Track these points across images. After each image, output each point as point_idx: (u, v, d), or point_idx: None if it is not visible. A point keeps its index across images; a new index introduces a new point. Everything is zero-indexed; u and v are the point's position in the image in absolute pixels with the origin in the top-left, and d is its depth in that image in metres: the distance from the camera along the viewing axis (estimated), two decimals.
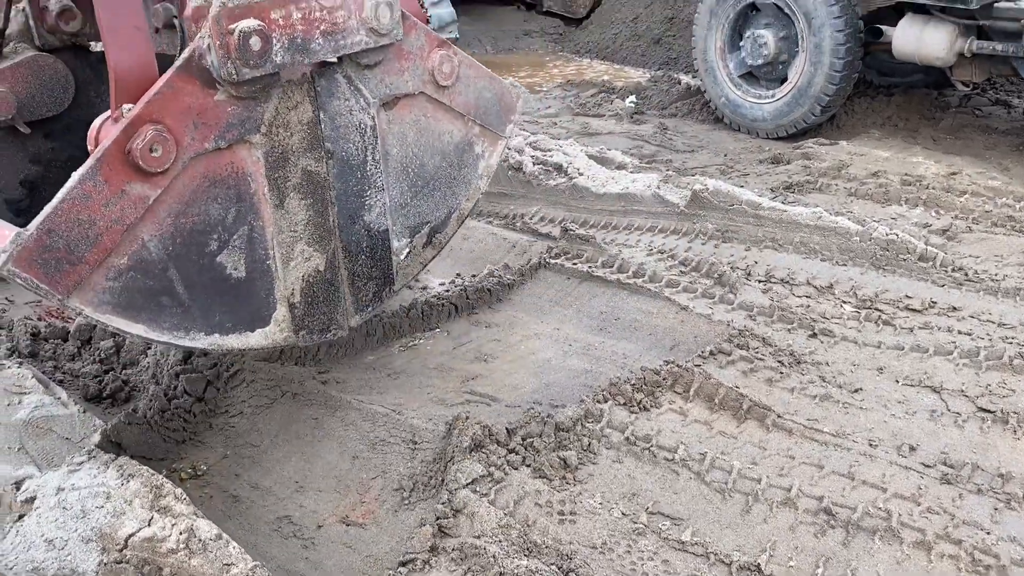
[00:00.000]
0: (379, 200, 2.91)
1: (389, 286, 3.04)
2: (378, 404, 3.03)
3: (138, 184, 2.25)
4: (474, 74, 3.02)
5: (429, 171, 3.05)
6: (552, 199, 4.99)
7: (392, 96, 2.83)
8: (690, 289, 3.83)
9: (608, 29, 9.97)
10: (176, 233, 2.35)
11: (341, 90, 2.70)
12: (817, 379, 3.24)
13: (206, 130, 2.35)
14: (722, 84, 6.71)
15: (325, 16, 2.50)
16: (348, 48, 2.58)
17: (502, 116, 3.17)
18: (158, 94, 2.26)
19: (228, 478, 2.78)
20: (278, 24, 2.39)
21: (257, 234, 2.52)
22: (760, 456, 2.80)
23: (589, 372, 3.31)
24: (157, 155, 2.24)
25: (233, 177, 2.45)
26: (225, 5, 2.27)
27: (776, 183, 5.29)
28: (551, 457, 2.70)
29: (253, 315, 2.55)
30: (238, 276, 2.50)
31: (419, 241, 3.13)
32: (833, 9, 5.87)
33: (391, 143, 2.90)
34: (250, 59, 2.31)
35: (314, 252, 2.67)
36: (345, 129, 2.76)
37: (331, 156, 2.74)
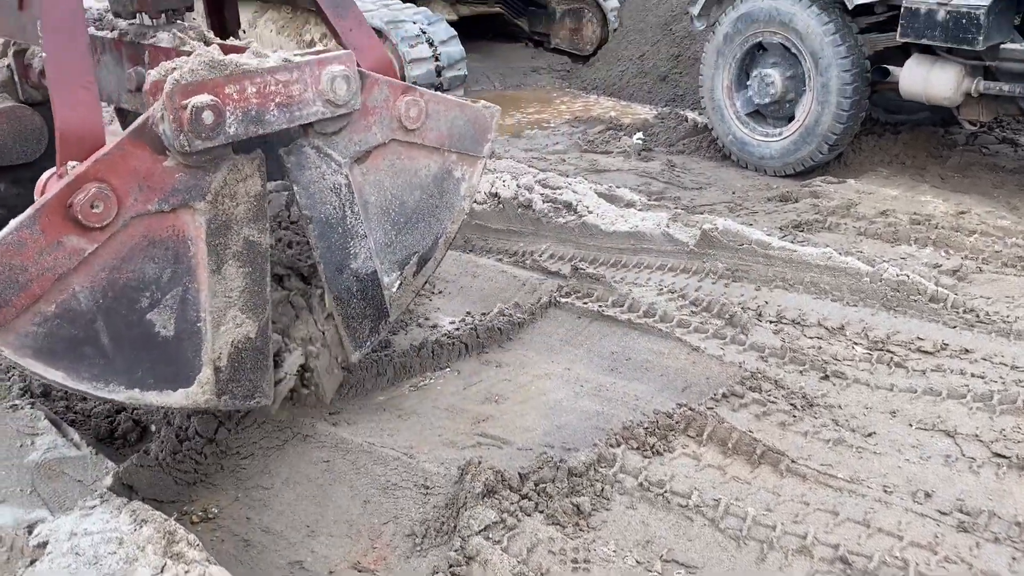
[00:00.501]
0: (363, 246, 3.02)
1: (384, 319, 3.18)
2: (389, 447, 3.02)
3: (75, 237, 2.28)
4: (443, 108, 3.06)
5: (410, 207, 3.12)
6: (562, 237, 5.01)
7: (363, 151, 2.91)
8: (701, 329, 3.83)
9: (615, 66, 10.07)
10: (108, 287, 2.37)
11: (311, 160, 2.80)
12: (830, 423, 3.22)
13: (151, 193, 2.40)
14: (729, 122, 6.76)
15: (281, 89, 2.56)
16: (304, 119, 2.65)
17: (477, 139, 3.21)
18: (108, 155, 2.33)
19: (239, 521, 2.77)
20: (232, 98, 2.45)
21: (191, 296, 2.54)
22: (775, 502, 2.77)
23: (601, 414, 3.29)
24: (98, 211, 2.28)
25: (173, 239, 2.48)
26: (179, 82, 2.34)
27: (785, 222, 5.30)
28: (564, 503, 2.68)
29: (177, 374, 2.55)
30: (166, 335, 2.50)
31: (409, 271, 3.23)
32: (840, 49, 5.92)
33: (368, 192, 2.99)
34: (202, 132, 2.38)
35: (246, 319, 2.66)
36: (321, 194, 2.86)
37: (310, 221, 2.87)
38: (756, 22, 6.39)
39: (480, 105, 3.18)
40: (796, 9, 6.09)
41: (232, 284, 2.61)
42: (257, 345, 2.71)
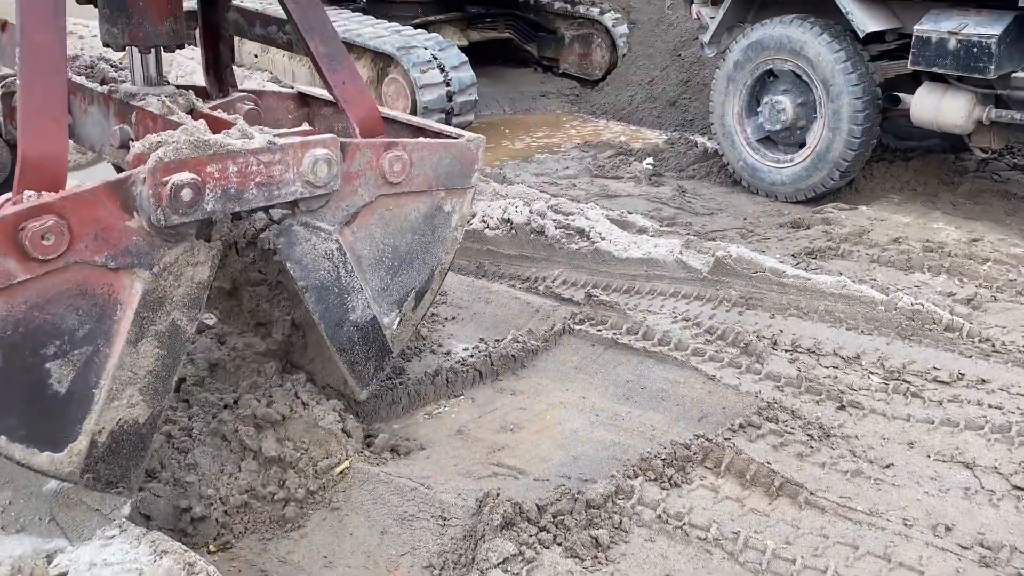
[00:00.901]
0: (360, 299, 3.06)
1: (388, 355, 3.23)
2: (406, 476, 3.01)
3: (13, 261, 2.20)
4: (427, 154, 3.06)
5: (403, 250, 3.15)
6: (574, 263, 5.01)
7: (351, 214, 2.92)
8: (716, 358, 3.82)
9: (624, 91, 10.13)
10: (22, 322, 2.26)
11: (300, 236, 2.83)
12: (848, 453, 3.21)
13: (103, 246, 2.35)
14: (740, 148, 6.78)
15: (262, 169, 2.57)
16: (282, 198, 2.66)
17: (464, 173, 3.21)
18: (78, 195, 2.29)
19: (256, 551, 2.76)
20: (212, 176, 2.46)
21: (98, 360, 2.43)
22: (794, 535, 2.76)
23: (617, 444, 3.29)
24: (47, 243, 2.22)
25: (104, 298, 2.40)
26: (161, 160, 2.35)
27: (797, 248, 5.31)
28: (582, 536, 2.67)
29: (51, 435, 2.40)
30: (58, 390, 2.37)
31: (408, 308, 3.26)
32: (851, 77, 5.95)
33: (360, 248, 3.01)
34: (179, 208, 2.38)
35: (142, 402, 2.55)
36: (314, 264, 2.89)
37: (306, 290, 2.90)
38: (767, 49, 6.43)
39: (463, 141, 3.19)
40: (807, 37, 6.13)
41: (142, 362, 2.51)
42: (141, 432, 2.57)
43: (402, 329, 3.24)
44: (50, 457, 2.40)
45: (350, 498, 2.93)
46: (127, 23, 3.00)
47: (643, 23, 10.66)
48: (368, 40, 9.19)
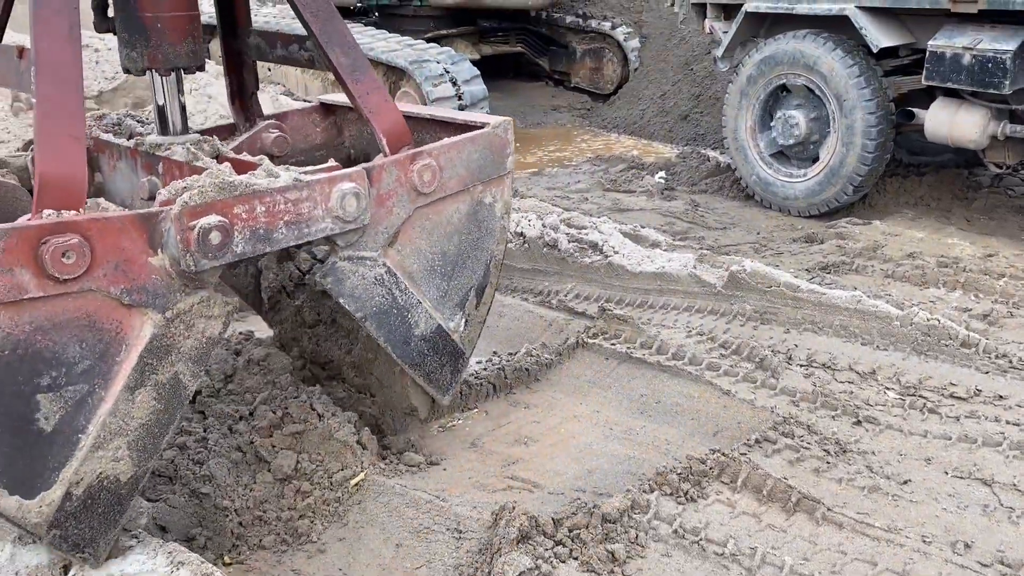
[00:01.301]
0: (420, 313, 3.03)
1: (461, 358, 3.24)
2: (421, 489, 3.01)
3: (29, 275, 2.10)
4: (456, 152, 2.98)
5: (453, 253, 3.09)
6: (587, 277, 5.01)
7: (392, 235, 2.86)
8: (731, 373, 3.81)
9: (635, 105, 10.16)
10: (22, 344, 2.14)
11: (347, 271, 2.77)
12: (864, 469, 3.19)
13: (121, 278, 2.26)
14: (753, 162, 6.78)
15: (290, 208, 2.51)
16: (313, 235, 2.60)
17: (497, 161, 3.13)
18: (106, 220, 2.22)
19: (271, 564, 2.76)
20: (240, 218, 2.40)
21: (92, 402, 2.27)
22: (811, 551, 2.74)
23: (632, 459, 3.27)
24: (66, 263, 2.13)
25: (111, 335, 2.28)
26: (187, 204, 2.29)
27: (811, 263, 5.30)
28: (599, 550, 2.66)
29: (25, 478, 2.21)
30: (42, 427, 2.20)
31: (470, 307, 3.22)
32: (865, 92, 5.95)
33: (409, 264, 2.95)
34: (209, 251, 2.33)
35: (128, 458, 2.37)
36: (367, 293, 2.84)
37: (365, 319, 2.87)
38: (780, 64, 6.44)
39: (490, 129, 3.09)
40: (820, 52, 6.14)
41: (136, 413, 2.35)
42: (120, 493, 2.38)
43: (470, 329, 3.22)
44: (18, 503, 2.20)
45: (365, 510, 2.93)
46: (146, 46, 2.96)
47: (655, 37, 10.71)
48: (381, 54, 9.24)
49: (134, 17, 2.94)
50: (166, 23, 2.96)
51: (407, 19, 10.92)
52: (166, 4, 2.94)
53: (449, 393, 3.24)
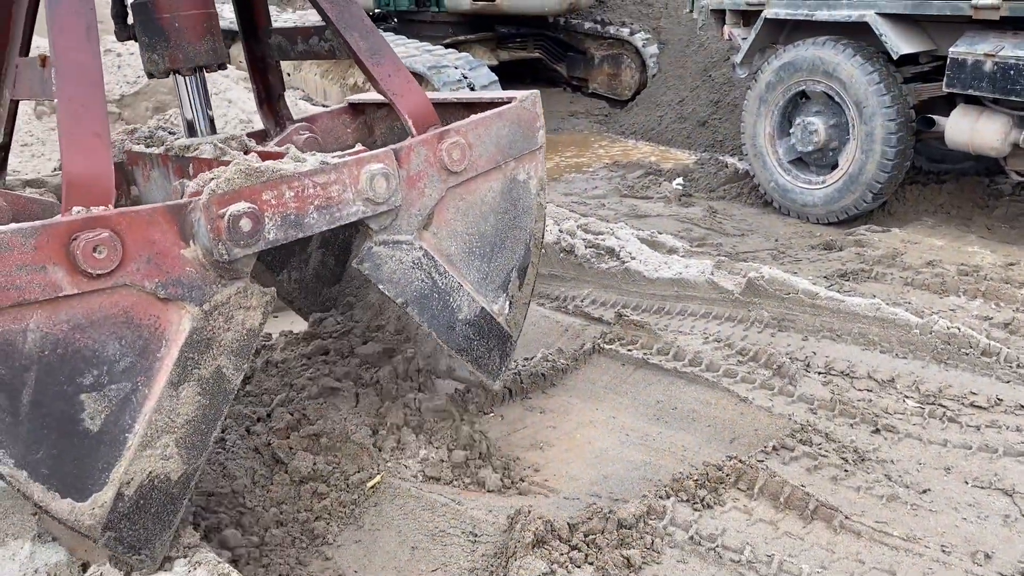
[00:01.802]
0: (462, 295, 2.97)
1: (509, 341, 3.20)
2: (437, 493, 3.01)
3: (62, 272, 2.08)
4: (484, 129, 2.91)
5: (491, 233, 3.04)
6: (604, 283, 5.01)
7: (426, 217, 2.81)
8: (748, 379, 3.79)
9: (653, 111, 10.15)
10: (62, 342, 2.11)
11: (383, 256, 2.73)
12: (883, 478, 3.16)
13: (155, 272, 2.23)
14: (771, 169, 6.76)
15: (319, 192, 2.48)
16: (344, 219, 2.56)
17: (528, 135, 3.08)
18: (136, 213, 2.19)
19: (288, 565, 2.76)
20: (269, 204, 2.37)
21: (136, 399, 2.25)
22: (829, 560, 2.72)
23: (648, 464, 3.26)
24: (98, 257, 2.11)
25: (150, 330, 2.25)
26: (215, 192, 2.26)
27: (830, 270, 5.27)
28: (614, 555, 2.65)
29: (77, 480, 2.18)
30: (89, 428, 2.18)
31: (512, 288, 3.18)
32: (884, 99, 5.92)
33: (447, 246, 2.90)
34: (240, 239, 2.29)
35: (177, 455, 2.34)
36: (405, 277, 2.80)
37: (406, 304, 2.82)
38: (799, 71, 6.42)
39: (517, 103, 3.03)
40: (840, 59, 6.11)
41: (182, 409, 2.32)
42: (172, 492, 2.35)
43: (515, 311, 3.18)
44: (71, 505, 2.18)
45: (381, 513, 2.94)
46: (166, 47, 2.98)
47: (673, 43, 10.70)
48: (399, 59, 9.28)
49: (152, 20, 2.95)
50: (184, 22, 2.96)
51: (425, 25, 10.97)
52: (183, 3, 2.94)
53: (499, 378, 3.20)
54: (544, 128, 3.14)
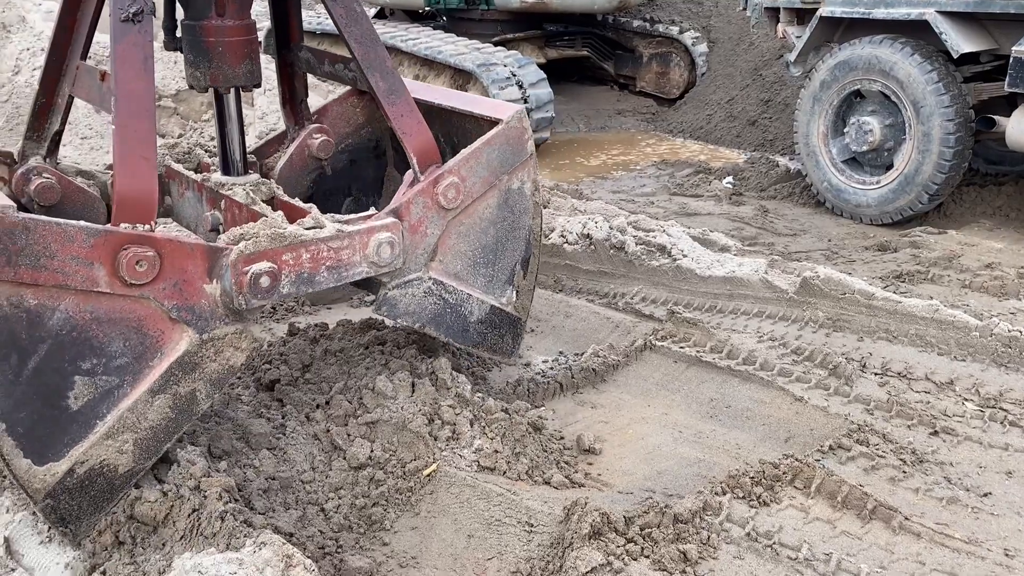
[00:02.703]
0: (472, 303, 3.32)
1: (518, 324, 3.54)
2: (492, 482, 3.03)
3: (104, 272, 2.42)
4: (474, 161, 3.19)
5: (492, 242, 3.34)
6: (654, 280, 4.99)
7: (430, 252, 3.15)
8: (803, 379, 3.76)
9: (703, 110, 10.07)
10: (78, 328, 2.42)
11: (397, 297, 3.10)
12: (942, 480, 3.12)
13: (176, 295, 2.56)
14: (824, 169, 6.68)
15: (331, 254, 2.83)
16: (350, 277, 2.92)
17: (518, 149, 3.30)
18: (181, 243, 2.55)
19: (345, 549, 2.81)
20: (288, 263, 2.73)
21: (117, 394, 2.53)
22: (888, 560, 2.69)
23: (702, 461, 3.26)
24: (139, 270, 2.45)
25: (152, 341, 2.57)
26: (243, 252, 2.61)
27: (885, 271, 5.20)
28: (670, 549, 2.65)
29: (42, 447, 2.44)
30: (70, 405, 2.46)
31: (518, 279, 3.50)
32: (943, 98, 5.82)
33: (453, 267, 3.24)
34: (258, 293, 2.65)
35: (130, 452, 2.58)
36: (419, 306, 3.17)
37: (424, 325, 3.20)
38: (855, 70, 6.33)
39: (503, 126, 3.25)
40: (897, 57, 6.02)
41: (151, 415, 2.59)
42: (114, 483, 2.58)
43: (522, 297, 3.49)
44: (28, 466, 2.43)
45: (437, 501, 2.97)
46: (208, 67, 3.22)
47: (723, 42, 10.61)
48: (449, 57, 9.34)
49: (199, 41, 3.21)
50: (226, 47, 3.22)
51: (474, 23, 11.01)
52: (227, 30, 3.19)
53: (513, 355, 3.55)
54: (532, 138, 3.39)
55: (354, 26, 3.15)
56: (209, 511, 2.56)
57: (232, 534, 2.48)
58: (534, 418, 3.36)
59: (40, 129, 3.42)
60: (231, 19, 3.19)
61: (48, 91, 3.37)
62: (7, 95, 8.38)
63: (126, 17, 2.66)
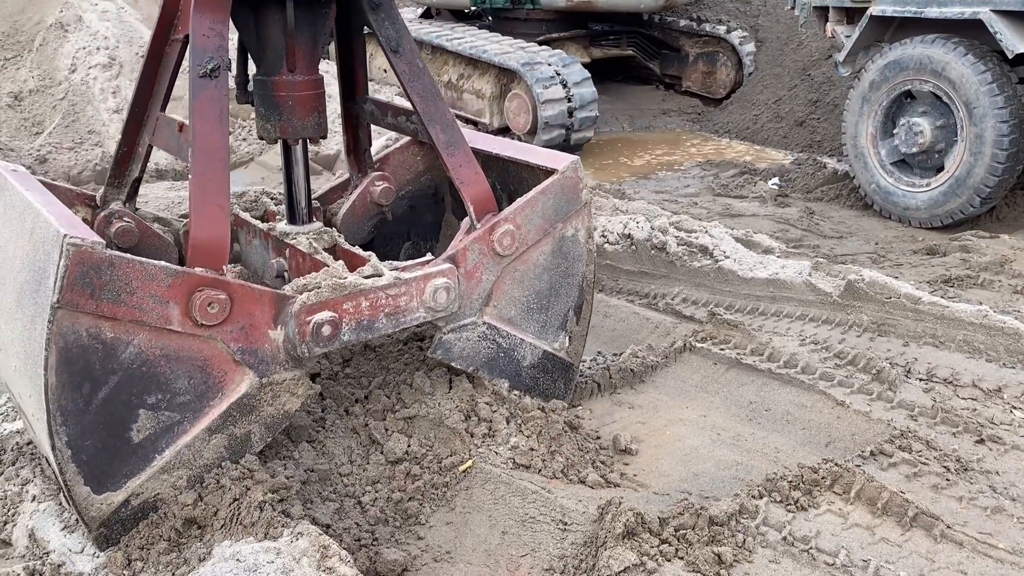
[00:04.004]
0: (525, 347, 3.35)
1: (571, 370, 3.55)
2: (527, 480, 3.04)
3: (177, 311, 2.52)
4: (530, 209, 3.22)
5: (546, 289, 3.36)
6: (696, 281, 4.96)
7: (485, 297, 3.18)
8: (846, 383, 3.70)
9: (749, 110, 9.97)
10: (149, 362, 2.51)
11: (451, 341, 3.14)
12: (987, 489, 3.05)
13: (242, 338, 2.66)
14: (873, 170, 6.57)
15: (390, 302, 2.90)
16: (407, 323, 2.98)
17: (573, 198, 3.34)
18: (252, 290, 2.66)
19: (381, 542, 2.84)
20: (348, 312, 2.80)
21: (177, 430, 2.62)
22: (929, 568, 2.64)
23: (740, 464, 3.23)
24: (210, 311, 2.55)
25: (215, 380, 2.66)
26: (305, 303, 2.71)
27: (933, 276, 5.09)
28: (705, 551, 2.64)
29: (102, 476, 2.53)
30: (131, 436, 2.55)
31: (571, 325, 3.50)
32: (997, 99, 5.68)
33: (507, 312, 3.27)
34: (320, 341, 2.74)
35: (183, 487, 2.68)
36: (473, 350, 3.21)
37: (477, 370, 3.24)
38: (905, 70, 6.22)
39: (559, 175, 3.28)
40: (950, 57, 5.89)
41: (206, 452, 2.69)
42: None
43: (574, 343, 3.51)
44: (87, 495, 2.52)
45: (472, 497, 2.99)
46: (278, 119, 3.33)
47: (771, 42, 10.49)
48: (493, 56, 9.37)
49: (270, 96, 3.32)
50: (296, 101, 3.33)
51: (519, 22, 11.03)
52: (297, 85, 3.31)
53: (566, 399, 3.53)
54: (587, 187, 3.41)
55: (416, 81, 3.26)
56: (249, 501, 2.61)
57: (270, 524, 2.52)
58: (570, 417, 3.37)
59: (121, 176, 3.57)
60: (301, 75, 3.29)
61: (129, 140, 3.51)
62: (63, 92, 8.62)
63: (204, 73, 2.79)
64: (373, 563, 2.68)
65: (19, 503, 2.92)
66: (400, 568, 2.70)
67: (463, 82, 10.14)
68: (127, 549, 2.57)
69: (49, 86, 8.69)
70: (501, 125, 9.73)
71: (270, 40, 3.25)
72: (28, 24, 9.42)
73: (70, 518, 2.73)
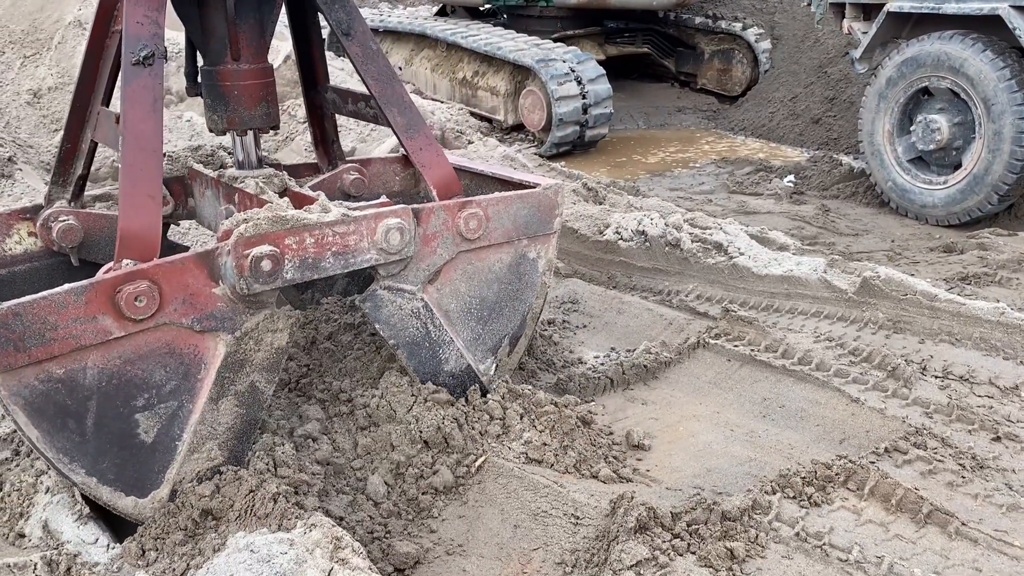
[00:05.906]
0: (452, 350, 3.20)
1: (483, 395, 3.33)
2: (539, 474, 3.05)
3: (110, 319, 2.44)
4: (504, 207, 3.17)
5: (491, 299, 3.27)
6: (710, 278, 4.94)
7: (432, 273, 3.07)
8: (860, 380, 3.68)
9: (764, 107, 9.92)
10: (116, 375, 2.49)
11: (385, 300, 3.01)
12: (1003, 487, 3.03)
13: (190, 309, 2.58)
14: (889, 168, 6.53)
15: (337, 240, 2.78)
16: (358, 264, 2.85)
17: (545, 220, 3.30)
18: (169, 264, 2.54)
19: (394, 534, 2.85)
20: (291, 248, 2.69)
21: (182, 414, 2.64)
22: (943, 565, 2.63)
23: (753, 460, 3.22)
24: (139, 305, 2.46)
25: (190, 357, 2.62)
26: (242, 235, 2.58)
27: (950, 273, 5.06)
28: (717, 547, 2.63)
29: (137, 481, 2.58)
30: (144, 440, 2.58)
31: (502, 353, 3.38)
32: (1016, 96, 5.63)
33: (446, 303, 3.15)
34: (260, 277, 2.62)
35: (220, 456, 2.74)
36: (402, 323, 3.06)
37: (397, 347, 3.09)
38: (923, 66, 6.17)
39: (540, 190, 3.27)
40: (968, 54, 5.85)
41: (222, 419, 2.71)
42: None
43: (499, 374, 3.37)
44: (134, 502, 2.59)
45: (484, 491, 3.00)
46: (225, 110, 3.29)
47: (787, 39, 10.43)
48: (508, 53, 9.37)
49: (216, 86, 3.28)
50: (242, 91, 3.28)
51: (534, 20, 11.03)
52: (243, 74, 3.26)
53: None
54: (562, 216, 3.38)
55: (371, 64, 3.21)
56: (263, 492, 2.62)
57: (284, 515, 2.54)
58: (583, 412, 3.37)
59: (65, 174, 3.49)
60: (246, 63, 3.24)
61: (72, 137, 3.43)
62: None
63: (137, 61, 2.73)
64: (385, 555, 2.69)
65: (33, 495, 2.96)
66: (412, 561, 2.71)
67: (478, 79, 10.15)
68: (141, 540, 2.59)
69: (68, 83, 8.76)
70: (516, 122, 9.73)
71: (214, 30, 3.21)
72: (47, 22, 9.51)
73: (83, 510, 2.76)
